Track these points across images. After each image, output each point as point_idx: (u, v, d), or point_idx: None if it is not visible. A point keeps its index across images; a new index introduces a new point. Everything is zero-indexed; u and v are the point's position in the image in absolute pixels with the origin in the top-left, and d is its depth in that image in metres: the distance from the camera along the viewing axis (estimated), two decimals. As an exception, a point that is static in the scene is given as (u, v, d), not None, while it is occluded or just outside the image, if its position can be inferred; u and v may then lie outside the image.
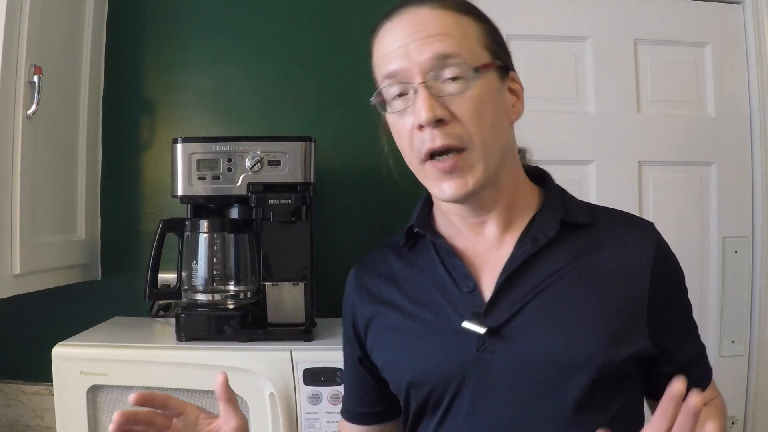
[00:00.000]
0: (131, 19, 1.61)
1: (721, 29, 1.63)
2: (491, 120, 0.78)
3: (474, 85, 0.77)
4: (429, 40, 0.77)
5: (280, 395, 1.17)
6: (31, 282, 1.26)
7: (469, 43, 0.78)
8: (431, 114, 0.75)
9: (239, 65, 1.62)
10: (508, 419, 0.78)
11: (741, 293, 1.62)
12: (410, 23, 0.78)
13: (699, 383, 0.81)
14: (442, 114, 0.75)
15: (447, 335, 0.82)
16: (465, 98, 0.76)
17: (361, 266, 0.97)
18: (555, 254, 0.81)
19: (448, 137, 0.76)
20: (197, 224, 1.30)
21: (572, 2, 1.62)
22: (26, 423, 1.56)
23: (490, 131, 0.78)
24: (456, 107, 0.76)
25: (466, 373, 0.80)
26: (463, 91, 0.76)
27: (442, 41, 0.76)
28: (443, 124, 0.76)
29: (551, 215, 0.83)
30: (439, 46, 0.76)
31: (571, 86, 1.61)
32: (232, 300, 1.30)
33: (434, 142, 0.76)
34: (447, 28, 0.77)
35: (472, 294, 0.82)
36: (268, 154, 1.28)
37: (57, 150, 1.39)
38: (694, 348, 0.86)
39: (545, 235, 0.82)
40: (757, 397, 1.59)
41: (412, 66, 0.77)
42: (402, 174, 0.92)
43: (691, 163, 1.63)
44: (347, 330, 0.96)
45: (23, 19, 1.19)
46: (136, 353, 1.21)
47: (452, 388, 0.81)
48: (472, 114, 0.76)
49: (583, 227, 0.83)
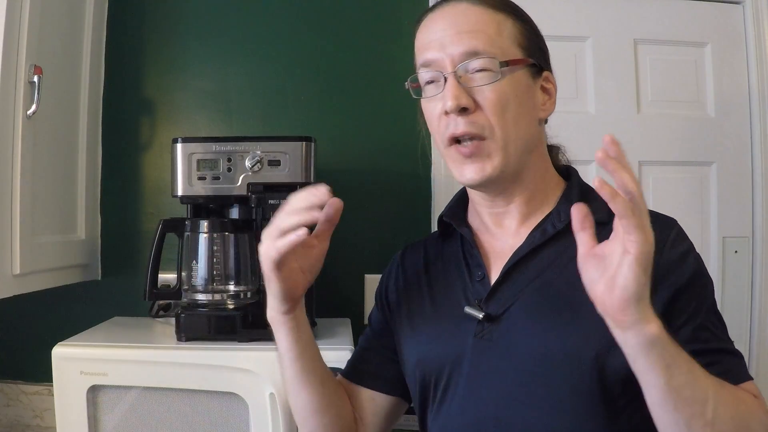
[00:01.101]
0: (131, 20, 1.61)
1: (721, 29, 1.63)
2: (514, 114, 0.82)
3: (500, 79, 0.81)
4: (463, 35, 0.82)
5: (280, 395, 1.17)
6: (31, 282, 1.26)
7: (502, 40, 0.83)
8: (455, 102, 0.80)
9: (239, 65, 1.63)
10: (499, 406, 0.80)
11: (741, 293, 1.62)
12: (449, 17, 0.84)
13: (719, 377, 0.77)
14: (466, 102, 0.81)
15: (452, 320, 0.86)
16: (490, 90, 0.81)
17: (407, 248, 1.03)
18: (562, 247, 0.82)
19: (469, 125, 0.81)
20: (197, 224, 1.30)
21: (572, 2, 1.62)
22: (26, 423, 1.56)
23: (512, 124, 0.82)
24: (481, 98, 0.81)
25: (463, 357, 0.83)
26: (488, 83, 0.81)
27: (475, 38, 0.81)
28: (467, 112, 0.81)
29: (565, 209, 0.85)
30: (471, 42, 0.81)
31: (571, 86, 1.62)
32: (232, 300, 1.30)
33: (457, 128, 0.82)
34: (481, 24, 0.82)
35: (482, 282, 0.86)
36: (268, 154, 1.28)
37: (57, 150, 1.39)
38: (714, 344, 0.80)
39: (554, 226, 0.84)
40: (757, 397, 1.59)
41: (446, 57, 0.82)
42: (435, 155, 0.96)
43: (691, 163, 1.63)
44: (378, 297, 1.02)
45: (23, 19, 1.19)
46: (136, 353, 1.20)
47: (449, 372, 0.85)
48: (495, 106, 0.81)
49: (598, 225, 0.83)
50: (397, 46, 1.56)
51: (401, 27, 1.59)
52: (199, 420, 1.20)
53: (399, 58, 1.53)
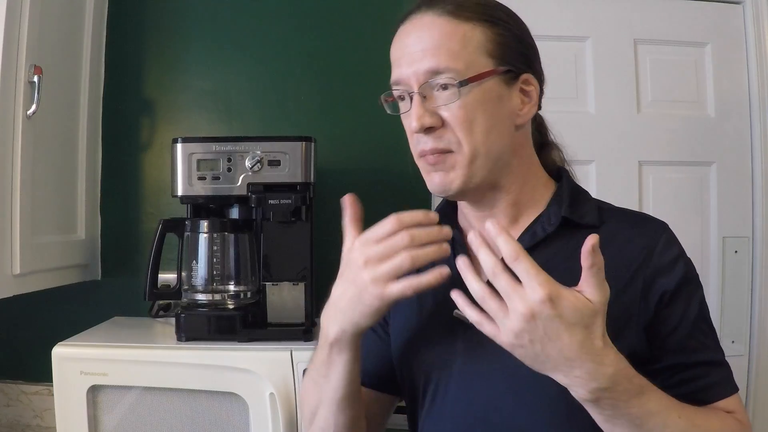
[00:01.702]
0: (131, 19, 1.61)
1: (721, 29, 1.63)
2: (483, 127, 0.81)
3: (465, 95, 0.80)
4: (426, 52, 0.80)
5: (280, 395, 1.17)
6: (31, 282, 1.26)
7: (467, 53, 0.80)
8: (419, 123, 0.80)
9: (239, 65, 1.62)
10: (489, 409, 0.80)
11: (741, 293, 1.62)
12: (415, 31, 0.82)
13: (702, 394, 0.80)
14: (430, 122, 0.80)
15: (441, 323, 0.85)
16: (455, 107, 0.80)
17: None
18: (552, 251, 0.82)
19: (436, 141, 0.81)
20: (197, 224, 1.30)
21: (572, 2, 1.62)
22: (26, 423, 1.56)
23: (481, 138, 0.81)
24: (447, 115, 0.80)
25: (453, 360, 0.83)
26: (453, 100, 0.80)
27: (435, 54, 0.80)
28: (433, 130, 0.81)
29: (554, 211, 0.84)
30: (432, 60, 0.80)
31: (571, 86, 1.61)
32: (232, 300, 1.30)
33: (426, 145, 0.82)
34: (445, 38, 0.80)
35: None
36: (268, 154, 1.28)
37: (57, 150, 1.39)
38: (702, 356, 0.81)
39: (544, 230, 0.83)
40: (757, 397, 1.59)
41: (411, 75, 0.81)
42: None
43: (691, 163, 1.63)
44: None
45: (23, 19, 1.19)
46: (136, 353, 1.20)
47: (438, 375, 0.84)
48: (462, 123, 0.80)
49: (588, 228, 0.83)
50: (397, 46, 1.57)
51: (401, 27, 1.59)
52: (199, 420, 1.20)
53: (399, 58, 1.53)
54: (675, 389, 0.77)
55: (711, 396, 0.81)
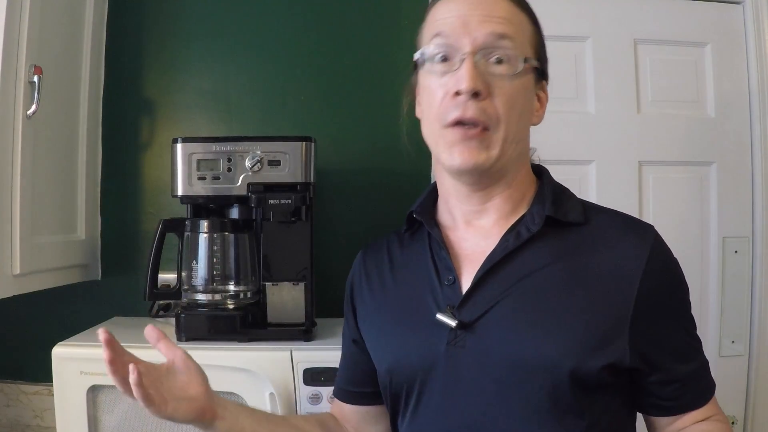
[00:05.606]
0: (131, 19, 1.61)
1: (721, 29, 1.63)
2: (519, 111, 0.81)
3: (517, 74, 0.79)
4: (491, 18, 0.79)
5: (280, 395, 1.17)
6: (31, 282, 1.26)
7: (524, 38, 0.81)
8: (473, 84, 0.76)
9: (239, 65, 1.63)
10: (475, 414, 0.78)
11: (741, 293, 1.62)
12: (476, 1, 0.80)
13: (695, 400, 0.81)
14: (482, 87, 0.77)
15: (423, 326, 0.83)
16: (507, 82, 0.78)
17: (367, 249, 1.00)
18: (539, 251, 0.81)
19: (480, 112, 0.77)
20: (197, 224, 1.30)
21: (572, 2, 1.62)
22: (26, 423, 1.56)
23: (516, 121, 0.80)
24: (495, 89, 0.78)
25: (436, 365, 0.81)
26: (507, 74, 0.78)
27: (503, 24, 0.79)
28: (479, 97, 0.77)
29: (538, 210, 0.83)
30: (499, 27, 0.78)
31: (571, 86, 1.61)
32: (232, 300, 1.30)
33: (466, 111, 0.77)
34: (510, 15, 0.80)
35: (452, 287, 0.83)
36: (268, 154, 1.28)
37: (57, 150, 1.39)
38: (691, 365, 0.81)
39: (528, 230, 0.82)
40: (757, 397, 1.59)
41: (468, 36, 0.78)
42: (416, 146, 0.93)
43: (691, 163, 1.63)
44: (346, 307, 0.99)
45: (23, 19, 1.19)
46: (136, 353, 1.20)
47: (421, 380, 0.83)
48: (508, 99, 0.78)
49: (573, 226, 0.82)
50: (397, 46, 1.57)
51: (401, 27, 1.59)
52: (199, 420, 1.19)
53: (399, 58, 1.53)
54: (665, 401, 0.79)
55: (701, 401, 0.82)
